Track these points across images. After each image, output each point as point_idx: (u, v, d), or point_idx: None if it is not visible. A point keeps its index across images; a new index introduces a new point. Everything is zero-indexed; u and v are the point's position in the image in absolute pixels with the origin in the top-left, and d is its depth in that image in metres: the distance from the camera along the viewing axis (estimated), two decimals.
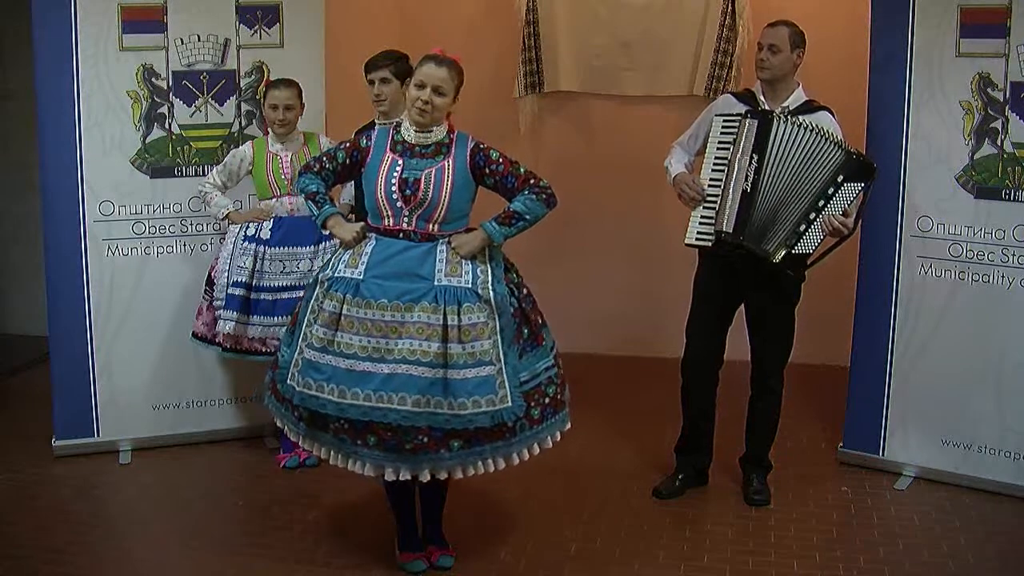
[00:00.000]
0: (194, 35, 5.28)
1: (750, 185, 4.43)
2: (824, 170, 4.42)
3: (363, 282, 3.91)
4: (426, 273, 3.91)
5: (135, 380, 5.35)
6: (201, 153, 5.34)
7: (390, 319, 3.85)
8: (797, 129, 4.43)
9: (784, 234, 4.45)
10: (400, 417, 3.79)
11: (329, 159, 4.09)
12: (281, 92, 5.06)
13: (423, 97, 3.93)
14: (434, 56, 3.99)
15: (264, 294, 5.00)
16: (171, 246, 5.33)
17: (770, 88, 4.66)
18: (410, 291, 3.87)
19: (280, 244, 5.01)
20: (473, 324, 3.87)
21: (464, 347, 3.84)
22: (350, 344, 3.86)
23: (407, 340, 3.82)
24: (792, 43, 4.61)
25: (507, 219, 4.01)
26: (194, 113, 5.32)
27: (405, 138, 4.02)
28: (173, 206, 5.31)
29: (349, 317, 3.88)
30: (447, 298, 3.87)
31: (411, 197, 3.94)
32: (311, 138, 5.20)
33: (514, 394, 3.89)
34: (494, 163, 4.01)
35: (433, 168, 3.97)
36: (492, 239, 4.00)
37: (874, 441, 5.09)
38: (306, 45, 5.42)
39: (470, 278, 3.94)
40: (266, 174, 5.09)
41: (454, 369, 3.81)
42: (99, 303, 5.26)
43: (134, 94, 5.23)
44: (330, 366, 3.86)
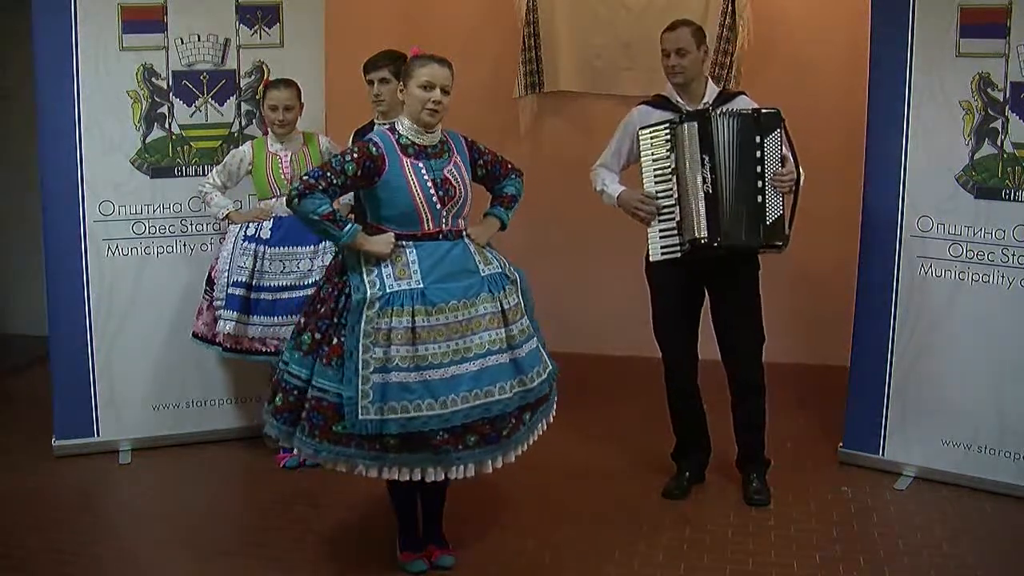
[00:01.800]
0: (194, 35, 5.29)
1: (710, 186, 4.43)
2: (749, 141, 4.44)
3: (427, 289, 3.88)
4: (473, 267, 4.00)
5: (135, 380, 5.35)
6: (201, 153, 5.35)
7: (461, 318, 3.88)
8: (729, 119, 4.46)
9: (752, 216, 4.45)
10: (503, 406, 3.88)
11: (336, 174, 3.88)
12: (280, 92, 5.06)
13: (435, 98, 3.93)
14: (433, 56, 4.00)
15: (264, 294, 5.00)
16: (171, 246, 5.33)
17: (685, 90, 4.65)
18: (470, 287, 3.94)
19: (280, 244, 5.01)
20: (516, 305, 4.03)
21: (517, 326, 3.99)
22: (436, 354, 3.82)
23: (483, 333, 3.90)
24: (697, 40, 4.61)
25: (509, 202, 4.26)
26: (194, 113, 5.33)
27: (414, 140, 3.99)
28: (173, 206, 5.32)
29: (425, 327, 3.82)
30: (494, 285, 4.00)
31: (446, 197, 3.98)
32: (311, 138, 5.21)
33: (549, 357, 4.14)
34: (484, 154, 4.18)
35: (451, 165, 4.02)
36: (503, 224, 4.22)
37: (874, 441, 5.09)
38: (306, 45, 5.42)
39: (498, 264, 4.08)
40: (266, 174, 5.09)
41: (517, 348, 3.95)
42: (99, 303, 5.26)
43: (134, 94, 5.24)
44: (420, 383, 3.80)
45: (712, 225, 4.44)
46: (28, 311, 6.95)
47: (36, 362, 6.41)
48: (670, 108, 4.63)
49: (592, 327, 6.71)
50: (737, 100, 4.63)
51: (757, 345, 4.74)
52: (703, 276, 4.66)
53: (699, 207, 4.44)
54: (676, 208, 4.50)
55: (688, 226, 4.48)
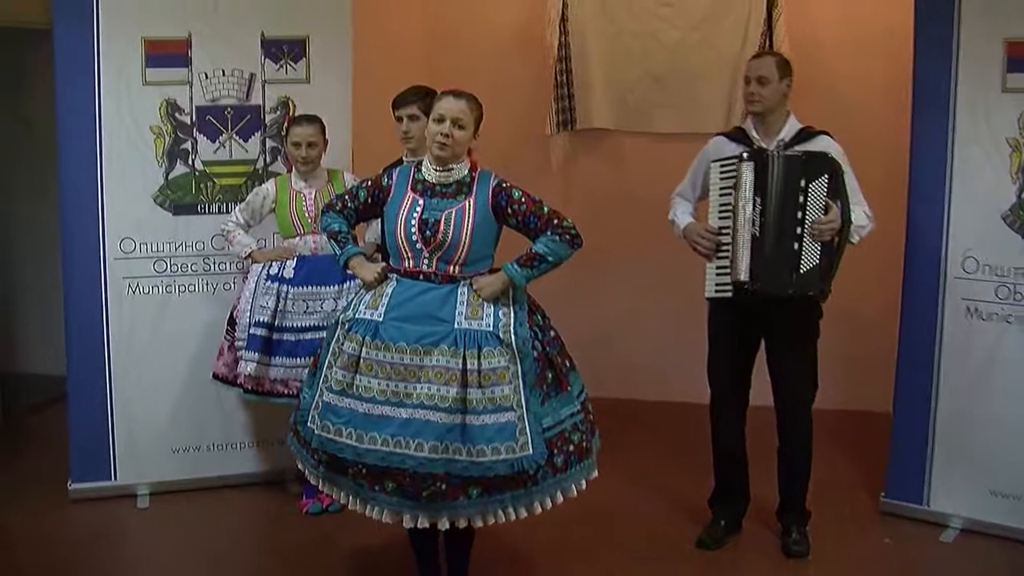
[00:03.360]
0: (219, 69, 5.32)
1: (758, 229, 4.43)
2: (794, 185, 4.42)
3: (382, 324, 3.87)
4: (446, 316, 3.87)
5: (154, 422, 5.35)
6: (225, 190, 5.37)
7: (409, 362, 3.81)
8: (782, 160, 4.44)
9: (786, 263, 4.42)
10: (417, 463, 3.72)
11: (351, 197, 4.10)
12: (304, 129, 5.07)
13: (442, 131, 3.91)
14: (451, 90, 3.99)
15: (287, 334, 4.99)
16: (193, 285, 5.35)
17: (762, 122, 4.66)
18: (429, 334, 3.83)
19: (303, 284, 5.01)
20: (493, 368, 3.80)
21: (484, 392, 3.77)
22: (369, 387, 3.82)
23: (425, 384, 3.77)
24: (780, 72, 4.60)
25: (529, 261, 3.96)
26: (218, 149, 5.35)
27: (426, 177, 4.00)
28: (195, 244, 5.34)
29: (368, 360, 3.84)
30: (467, 342, 3.82)
31: (431, 238, 3.90)
32: (335, 175, 5.22)
33: (535, 441, 3.80)
34: (516, 202, 3.95)
35: (453, 208, 3.93)
36: (514, 281, 3.95)
37: (918, 491, 5.01)
38: (333, 80, 5.45)
39: (491, 321, 3.88)
40: (289, 212, 5.09)
41: (473, 415, 3.74)
42: (118, 342, 5.28)
43: (157, 129, 5.27)
44: (348, 410, 3.82)
45: (753, 268, 4.43)
46: (46, 349, 6.96)
47: (53, 402, 6.42)
48: (743, 142, 4.64)
49: (623, 371, 6.66)
50: (816, 140, 4.57)
51: (807, 395, 4.70)
52: (759, 319, 4.63)
53: (745, 248, 4.43)
54: (730, 246, 4.50)
55: (734, 266, 4.47)
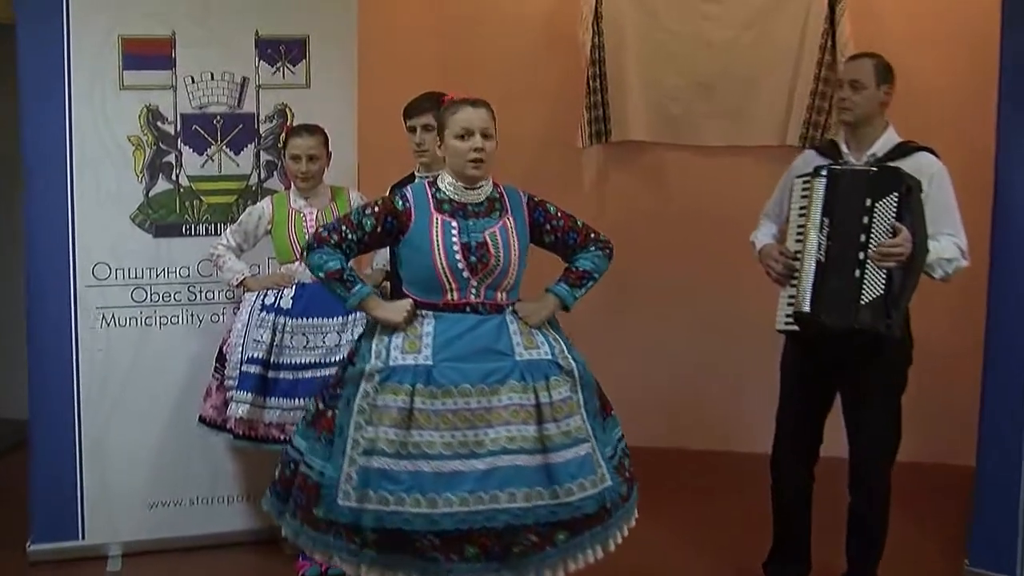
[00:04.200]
0: (207, 72, 5.39)
1: (824, 254, 4.44)
2: (859, 204, 4.43)
3: (435, 368, 3.89)
4: (505, 348, 3.96)
5: (130, 472, 5.38)
6: (213, 209, 5.42)
7: (476, 406, 3.85)
8: (853, 177, 4.46)
9: (846, 293, 4.41)
10: (511, 516, 3.76)
11: (352, 228, 4.03)
12: (304, 140, 5.12)
13: (476, 145, 3.96)
14: (464, 99, 4.06)
15: (284, 372, 5.03)
16: (176, 316, 5.40)
17: (854, 133, 4.68)
18: (494, 371, 3.90)
19: (303, 315, 5.06)
20: (564, 399, 3.93)
21: (559, 426, 3.89)
22: (431, 442, 3.81)
23: (502, 427, 3.84)
24: (878, 77, 4.61)
25: (578, 280, 4.15)
26: (206, 163, 5.41)
27: (452, 197, 4.04)
28: (180, 270, 5.39)
29: (424, 411, 3.84)
30: (533, 374, 3.93)
31: (478, 264, 3.97)
32: (339, 193, 5.27)
33: (609, 470, 3.98)
34: (554, 218, 4.13)
35: (495, 227, 4.02)
36: (564, 304, 4.12)
37: (1008, 559, 4.97)
38: (336, 85, 5.50)
39: (548, 349, 4.01)
40: (287, 234, 5.15)
41: (554, 452, 3.84)
42: (90, 381, 5.32)
43: (136, 140, 5.33)
44: (409, 473, 3.79)
45: (814, 298, 4.44)
46: (5, 389, 6.98)
47: (12, 449, 6.44)
48: (832, 156, 4.68)
49: (664, 415, 6.68)
50: (913, 157, 4.56)
51: (887, 448, 4.69)
52: (836, 359, 4.61)
53: (810, 275, 4.45)
54: (800, 273, 4.52)
55: (798, 295, 4.48)
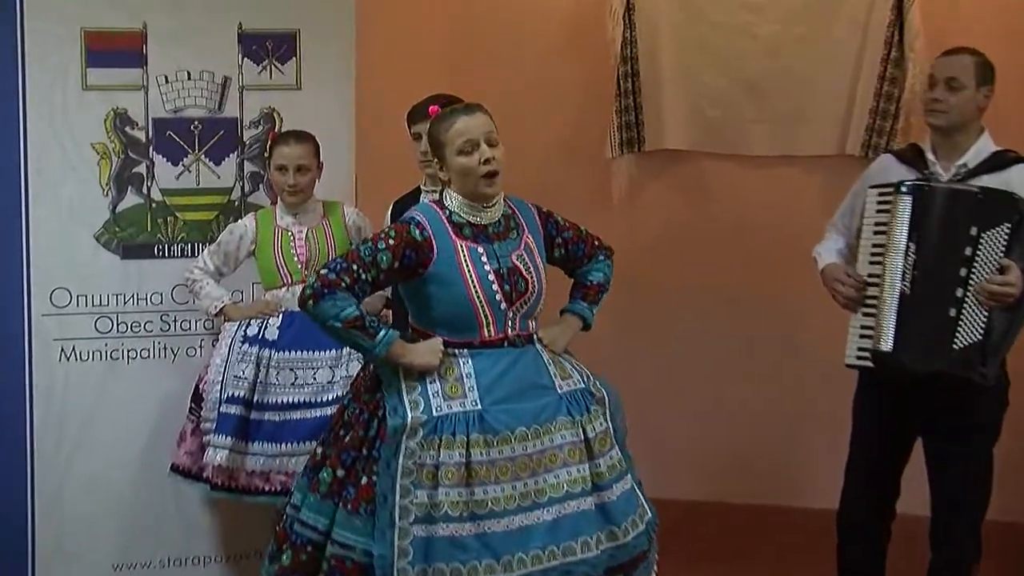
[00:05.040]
0: (182, 71, 5.43)
1: (909, 284, 4.42)
2: (962, 232, 4.40)
3: (487, 412, 3.88)
4: (547, 382, 4.03)
5: (91, 529, 5.40)
6: (190, 227, 5.47)
7: (532, 450, 3.88)
8: (950, 197, 4.43)
9: (937, 332, 4.40)
10: (589, 567, 3.84)
11: (365, 266, 3.90)
12: (291, 149, 5.15)
13: (485, 156, 3.94)
14: (454, 108, 4.05)
15: (269, 413, 5.05)
16: (147, 349, 5.43)
17: (944, 140, 4.65)
18: (544, 407, 3.96)
19: (291, 347, 5.08)
20: (604, 431, 4.04)
21: (605, 460, 3.99)
22: (496, 498, 3.82)
23: (562, 470, 3.90)
24: (979, 77, 4.60)
25: (595, 295, 4.30)
26: (181, 174, 5.45)
27: (469, 219, 4.03)
28: (151, 296, 5.43)
29: (483, 463, 3.83)
30: (577, 406, 4.01)
31: (512, 292, 3.99)
32: (332, 209, 5.31)
33: (646, 499, 4.08)
34: (563, 229, 4.24)
35: (520, 248, 4.06)
36: (586, 322, 4.26)
37: None
38: (331, 86, 5.54)
39: (579, 377, 4.10)
40: (273, 256, 5.20)
41: (606, 489, 3.94)
42: (46, 424, 5.34)
43: (102, 148, 5.38)
44: (478, 537, 3.78)
45: (900, 337, 4.41)
46: None
47: None
48: (915, 165, 4.66)
49: (702, 464, 6.66)
50: (1015, 170, 4.55)
51: (974, 507, 4.68)
52: (919, 402, 4.60)
53: (891, 309, 4.43)
54: (878, 302, 4.49)
55: (877, 330, 4.46)
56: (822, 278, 4.75)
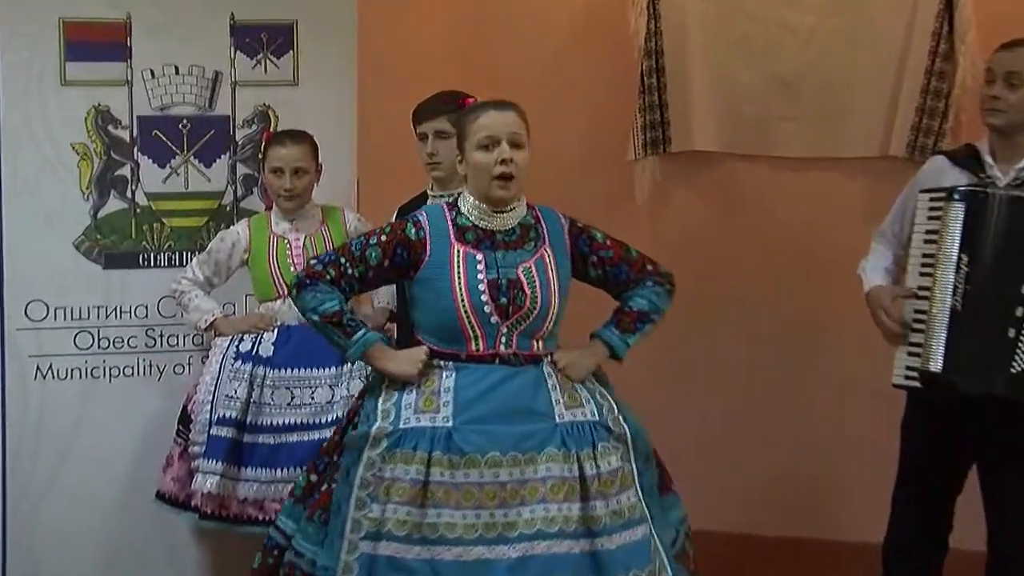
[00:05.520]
0: (170, 66, 5.47)
1: (961, 300, 4.40)
2: (1020, 245, 4.37)
3: (456, 431, 3.89)
4: (542, 407, 3.97)
5: (70, 561, 5.42)
6: (178, 234, 5.50)
7: (508, 478, 3.85)
8: (1011, 206, 4.39)
9: (993, 354, 4.38)
10: None
11: (353, 261, 4.06)
12: (287, 150, 5.18)
13: (503, 156, 3.96)
14: (486, 103, 4.08)
15: (263, 436, 5.07)
16: (131, 367, 5.46)
17: (1003, 141, 4.61)
18: (530, 434, 3.90)
19: (288, 365, 5.10)
20: (614, 471, 3.94)
21: (608, 503, 3.89)
22: (451, 523, 3.83)
23: (540, 505, 3.84)
24: None
25: (633, 323, 4.17)
26: (169, 177, 5.49)
27: (476, 223, 4.06)
28: (136, 309, 5.46)
29: (442, 484, 3.85)
30: (578, 439, 3.93)
31: (509, 306, 3.98)
32: (332, 215, 5.34)
33: (669, 559, 3.99)
34: (601, 247, 4.16)
35: (531, 260, 4.04)
36: (615, 353, 4.15)
37: None
38: (330, 82, 5.57)
39: (594, 408, 4.03)
40: (268, 266, 5.22)
41: (603, 536, 3.85)
42: (20, 447, 5.37)
43: (82, 148, 5.41)
44: (423, 561, 3.80)
45: (950, 357, 4.39)
46: None
47: None
48: (970, 168, 4.62)
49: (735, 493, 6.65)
50: None
51: None
52: (973, 425, 4.57)
53: (941, 326, 4.41)
54: (926, 318, 4.47)
55: (925, 349, 4.44)
56: (866, 301, 4.74)
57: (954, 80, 6.19)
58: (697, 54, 6.65)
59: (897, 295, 4.60)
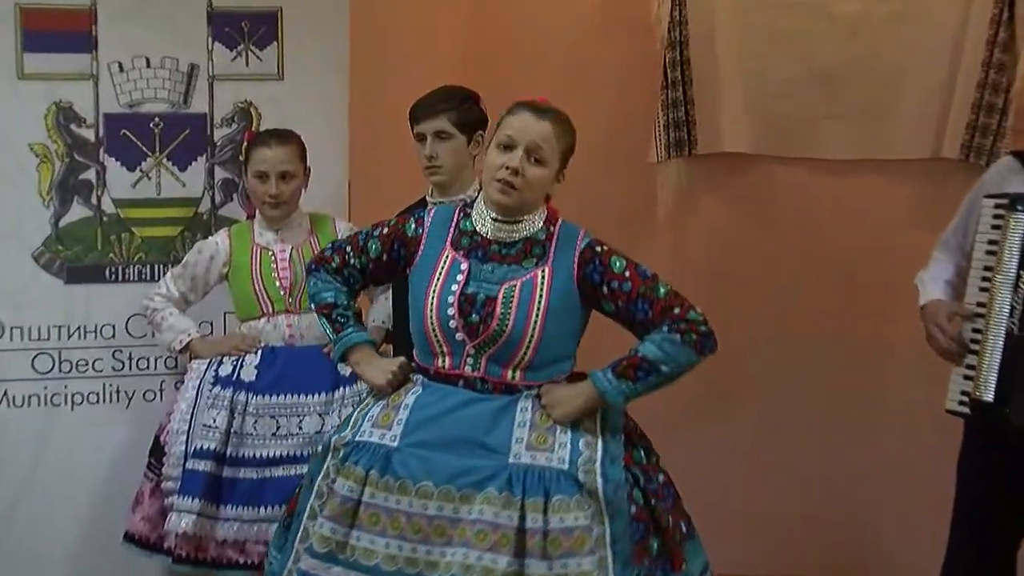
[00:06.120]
0: (140, 58, 5.49)
1: (1018, 322, 4.39)
2: None
3: (397, 452, 3.92)
4: (496, 443, 3.91)
5: None
6: (149, 245, 5.52)
7: (436, 512, 3.83)
8: None
9: None
10: None
11: (356, 251, 4.19)
12: (273, 152, 5.19)
13: (510, 163, 3.95)
14: (532, 103, 4.06)
15: (245, 470, 5.08)
16: (95, 393, 5.48)
17: None
18: (469, 470, 3.85)
19: (273, 391, 5.11)
20: (568, 529, 3.79)
21: (552, 566, 3.77)
22: (371, 550, 3.85)
23: (461, 549, 3.78)
24: None
25: (631, 369, 3.98)
26: (139, 181, 5.51)
27: (478, 228, 4.07)
28: (102, 329, 5.48)
29: (373, 507, 3.88)
30: (528, 484, 3.83)
31: (478, 325, 3.98)
32: (322, 224, 5.36)
33: None
34: (617, 277, 4.02)
35: (517, 281, 4.00)
36: (605, 399, 3.99)
37: None
38: (320, 77, 5.61)
39: (567, 454, 3.91)
40: (251, 281, 5.24)
41: None
42: None
43: (42, 149, 5.44)
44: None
45: (1000, 383, 4.39)
46: None
47: None
48: None
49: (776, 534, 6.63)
50: None
51: None
52: None
53: (995, 350, 4.41)
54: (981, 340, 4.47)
55: (977, 375, 4.44)
56: (921, 315, 4.72)
57: (1015, 73, 6.18)
58: (727, 45, 6.64)
59: (955, 312, 4.57)
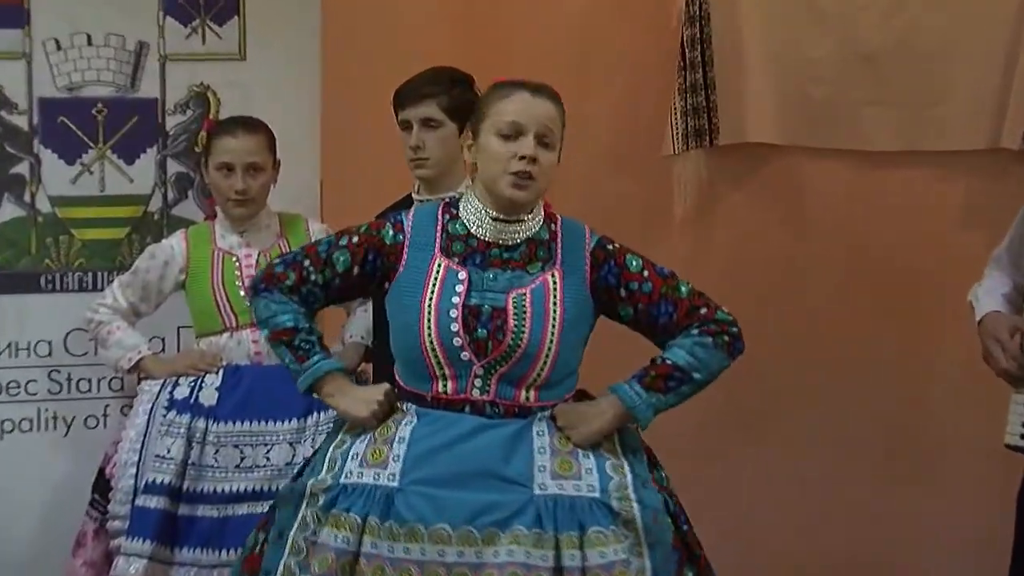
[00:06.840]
0: (80, 34, 5.50)
1: None
2: None
3: (400, 492, 3.83)
4: (517, 474, 3.86)
5: None
6: (92, 249, 5.53)
7: (456, 560, 3.76)
8: None
9: None
10: None
11: (317, 265, 4.06)
12: (239, 142, 5.20)
13: (523, 151, 3.89)
14: (522, 82, 4.02)
15: (204, 507, 5.07)
16: (28, 420, 5.48)
17: None
18: (492, 507, 3.79)
19: (235, 417, 5.11)
20: (608, 565, 3.76)
21: None
22: None
23: None
24: None
25: (660, 380, 3.99)
26: (80, 176, 5.51)
27: (473, 231, 4.02)
28: (36, 346, 5.48)
29: (376, 557, 3.78)
30: (559, 517, 3.79)
31: (489, 342, 3.93)
32: (293, 225, 5.37)
33: None
34: (636, 278, 4.03)
35: (526, 288, 3.96)
36: (635, 416, 4.01)
37: None
38: (288, 57, 5.61)
39: (595, 480, 3.90)
40: (211, 290, 5.24)
41: None
42: None
43: None
44: None
45: None
46: None
47: None
48: None
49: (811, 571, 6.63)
50: None
51: None
52: None
53: None
54: None
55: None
56: (979, 331, 4.69)
57: None
58: (753, 21, 6.65)
59: (1018, 327, 4.54)
